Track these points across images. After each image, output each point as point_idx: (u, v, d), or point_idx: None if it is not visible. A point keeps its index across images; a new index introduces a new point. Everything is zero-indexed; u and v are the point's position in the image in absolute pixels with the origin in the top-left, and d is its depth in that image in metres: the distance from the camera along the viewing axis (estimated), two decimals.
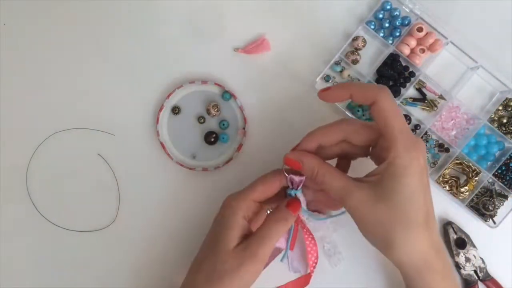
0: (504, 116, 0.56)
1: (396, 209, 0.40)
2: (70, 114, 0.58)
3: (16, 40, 0.59)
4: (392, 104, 0.41)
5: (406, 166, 0.39)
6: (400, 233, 0.40)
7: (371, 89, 0.42)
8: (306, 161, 0.44)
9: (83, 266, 0.57)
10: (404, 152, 0.40)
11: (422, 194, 0.40)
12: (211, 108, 0.56)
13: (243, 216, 0.44)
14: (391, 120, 0.41)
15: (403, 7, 0.56)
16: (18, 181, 0.57)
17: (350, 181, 0.42)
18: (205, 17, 0.58)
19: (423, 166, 0.41)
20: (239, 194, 0.45)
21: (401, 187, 0.40)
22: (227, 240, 0.43)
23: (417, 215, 0.40)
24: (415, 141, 0.41)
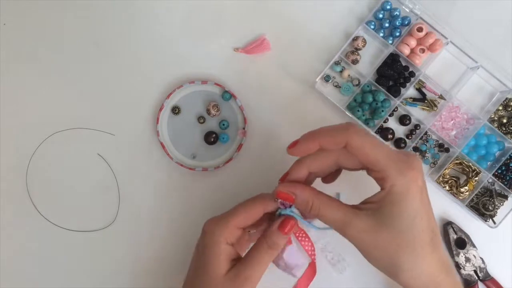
0: (504, 116, 0.56)
1: (400, 234, 0.39)
2: (70, 114, 0.58)
3: (16, 40, 0.59)
4: (365, 138, 0.39)
5: (404, 191, 0.38)
6: (406, 258, 0.39)
7: (338, 133, 0.40)
8: (300, 194, 0.42)
9: (83, 266, 0.57)
10: (399, 177, 0.38)
11: (425, 214, 0.39)
12: (211, 108, 0.56)
13: (227, 243, 0.43)
14: (372, 154, 0.39)
15: (403, 7, 0.56)
16: (18, 181, 0.57)
17: (347, 211, 0.40)
18: (205, 17, 0.58)
19: (421, 186, 0.39)
20: (220, 220, 0.43)
21: (402, 212, 0.38)
22: (216, 267, 0.42)
23: (422, 237, 0.39)
24: (408, 162, 0.39)
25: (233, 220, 0.42)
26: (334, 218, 0.41)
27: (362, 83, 0.56)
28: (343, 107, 0.56)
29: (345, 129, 0.40)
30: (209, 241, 0.43)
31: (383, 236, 0.39)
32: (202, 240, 0.44)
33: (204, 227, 0.44)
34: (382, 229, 0.39)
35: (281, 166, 0.57)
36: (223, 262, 0.42)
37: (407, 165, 0.39)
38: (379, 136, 0.56)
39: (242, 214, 0.43)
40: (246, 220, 0.43)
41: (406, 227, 0.38)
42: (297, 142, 0.42)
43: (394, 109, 0.57)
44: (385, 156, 0.39)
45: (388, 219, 0.39)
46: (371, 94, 0.56)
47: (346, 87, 0.57)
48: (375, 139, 0.40)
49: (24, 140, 0.58)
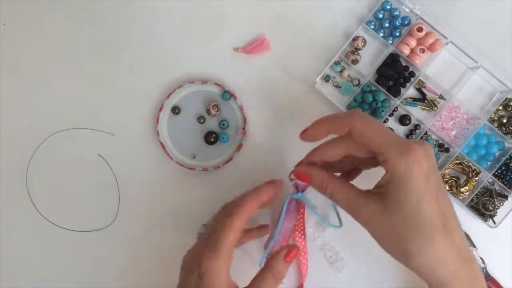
0: (504, 116, 0.56)
1: (407, 219, 0.38)
2: (70, 114, 0.58)
3: (16, 40, 0.59)
4: (368, 123, 0.40)
5: (407, 173, 0.38)
6: (415, 243, 0.38)
7: (342, 120, 0.42)
8: (316, 175, 0.43)
9: (83, 266, 0.57)
10: (399, 158, 0.38)
11: (433, 197, 0.38)
12: (211, 108, 0.56)
13: (227, 273, 0.42)
14: (374, 138, 0.40)
15: (403, 7, 0.56)
16: (18, 181, 0.57)
17: (359, 194, 0.41)
18: (205, 17, 0.58)
19: (427, 169, 0.39)
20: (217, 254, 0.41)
21: (406, 194, 0.38)
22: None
23: (432, 222, 0.38)
24: (410, 145, 0.39)
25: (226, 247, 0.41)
26: (346, 200, 0.42)
27: (362, 83, 0.56)
28: (343, 107, 0.56)
29: (349, 115, 0.41)
30: (211, 278, 0.41)
31: (391, 220, 0.39)
32: (200, 277, 0.41)
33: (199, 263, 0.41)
34: (390, 213, 0.39)
35: (281, 166, 0.57)
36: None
37: (408, 148, 0.39)
38: None
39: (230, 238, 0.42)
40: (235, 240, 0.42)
41: (413, 211, 0.38)
42: (306, 129, 0.45)
43: (394, 109, 0.57)
44: (387, 139, 0.39)
45: (395, 203, 0.39)
46: (371, 94, 0.56)
47: (346, 87, 0.57)
48: (379, 124, 0.41)
49: (24, 140, 0.58)
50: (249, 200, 0.44)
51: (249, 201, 0.44)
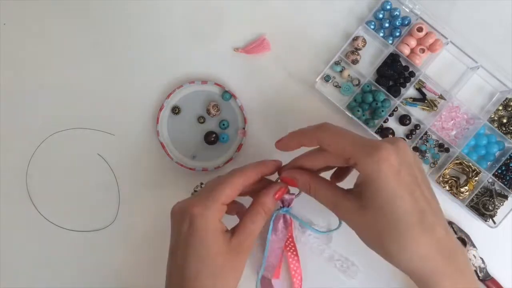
0: (504, 116, 0.56)
1: (380, 216, 0.39)
2: (70, 114, 0.58)
3: (16, 40, 0.59)
4: (334, 133, 0.42)
5: (374, 172, 0.38)
6: (392, 241, 0.38)
7: (311, 134, 0.44)
8: (300, 178, 0.45)
9: (83, 266, 0.57)
10: (366, 159, 0.39)
11: (406, 193, 0.38)
12: (211, 108, 0.56)
13: (218, 220, 0.43)
14: (341, 146, 0.41)
15: (403, 7, 0.56)
16: (18, 181, 0.57)
17: (338, 193, 0.43)
18: (205, 17, 0.58)
19: (397, 165, 0.38)
20: (209, 202, 0.43)
21: (377, 193, 0.39)
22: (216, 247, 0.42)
23: (406, 218, 0.38)
24: (377, 145, 0.39)
25: (220, 198, 0.43)
26: (326, 198, 0.44)
27: (362, 83, 0.56)
28: (343, 107, 0.56)
29: (317, 128, 0.43)
30: (202, 224, 0.42)
31: (367, 218, 0.40)
32: (191, 224, 0.42)
33: (190, 211, 0.42)
34: (366, 211, 0.40)
35: None
36: (222, 239, 0.43)
37: (374, 148, 0.39)
38: (379, 136, 0.56)
39: (227, 191, 0.43)
40: (230, 196, 0.44)
41: (386, 208, 0.38)
42: (281, 139, 0.47)
43: (394, 109, 0.57)
44: (354, 144, 0.41)
45: (368, 201, 0.40)
46: (371, 94, 0.56)
47: (346, 87, 0.57)
48: (346, 132, 0.42)
49: (24, 140, 0.58)
50: (251, 166, 0.46)
51: (251, 167, 0.46)
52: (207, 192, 0.44)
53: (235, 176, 0.45)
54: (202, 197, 0.44)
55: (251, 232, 0.44)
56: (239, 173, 0.45)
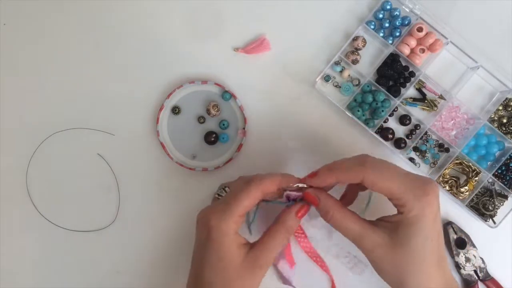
0: (504, 116, 0.56)
1: (411, 254, 0.41)
2: (70, 114, 0.58)
3: (16, 40, 0.59)
4: (380, 173, 0.42)
5: (420, 215, 0.41)
6: (413, 276, 0.42)
7: (354, 171, 0.43)
8: (323, 201, 0.45)
9: (83, 266, 0.57)
10: (415, 203, 0.41)
11: (435, 237, 0.42)
12: (211, 108, 0.56)
13: (235, 233, 0.44)
14: (387, 188, 0.42)
15: (403, 7, 0.56)
16: (18, 181, 0.57)
17: (365, 225, 0.44)
18: (205, 17, 0.58)
19: (435, 210, 0.42)
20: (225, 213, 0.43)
21: (417, 233, 0.41)
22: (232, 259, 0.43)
23: (431, 258, 0.42)
24: (424, 187, 0.41)
25: (237, 211, 0.43)
26: (353, 230, 0.44)
27: (362, 83, 0.56)
28: (343, 107, 0.56)
29: (360, 166, 0.43)
30: (218, 236, 0.43)
31: (397, 253, 0.42)
32: (208, 235, 0.43)
33: (208, 221, 0.43)
34: (397, 246, 0.42)
35: (281, 166, 0.57)
36: (237, 252, 0.43)
37: (423, 192, 0.41)
38: (379, 136, 0.56)
39: (245, 203, 0.43)
40: (248, 208, 0.44)
41: (418, 247, 0.41)
42: (316, 174, 0.45)
43: (394, 109, 0.57)
44: (401, 186, 0.42)
45: (404, 239, 0.42)
46: (371, 94, 0.56)
47: (346, 87, 0.57)
48: (390, 170, 0.43)
49: (24, 140, 0.58)
50: (272, 177, 0.45)
51: (272, 178, 0.45)
52: (225, 204, 0.44)
53: (253, 187, 0.44)
54: (220, 208, 0.44)
55: (270, 249, 0.44)
56: (258, 184, 0.44)
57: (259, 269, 0.44)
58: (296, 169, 0.57)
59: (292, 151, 0.57)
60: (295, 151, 0.57)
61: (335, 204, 0.44)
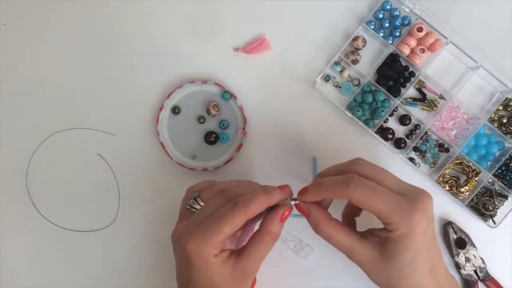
0: (504, 116, 0.56)
1: (401, 269, 0.42)
2: (70, 114, 0.58)
3: (16, 40, 0.59)
4: (366, 192, 0.41)
5: (408, 233, 0.41)
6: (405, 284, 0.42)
7: (339, 190, 0.42)
8: (314, 213, 0.44)
9: (83, 266, 0.57)
10: (401, 224, 0.40)
11: (426, 249, 0.42)
12: (211, 108, 0.56)
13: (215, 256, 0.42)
14: (374, 207, 0.41)
15: (403, 7, 0.56)
16: (18, 181, 0.57)
17: (355, 239, 0.43)
18: (205, 17, 0.58)
19: (425, 226, 0.41)
20: (205, 241, 0.41)
21: (404, 251, 0.41)
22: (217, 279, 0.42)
23: (422, 269, 0.42)
24: (411, 207, 0.41)
25: (218, 239, 0.41)
26: (343, 243, 0.43)
27: (362, 83, 0.56)
28: (343, 107, 0.56)
29: (345, 185, 0.41)
30: (199, 262, 0.41)
31: (387, 267, 0.42)
32: (188, 260, 0.41)
33: (185, 246, 0.41)
34: (386, 261, 0.42)
35: (281, 166, 0.57)
36: (223, 270, 0.42)
37: (409, 212, 0.41)
38: (379, 136, 0.56)
39: (226, 231, 0.41)
40: (229, 235, 0.42)
41: (407, 262, 0.41)
42: (305, 191, 0.45)
43: (394, 109, 0.57)
44: (387, 207, 0.41)
45: (393, 254, 0.42)
46: (371, 94, 0.56)
47: (346, 87, 0.57)
48: (375, 190, 0.41)
49: (24, 140, 0.58)
50: (258, 201, 0.42)
51: (258, 203, 0.42)
52: (203, 229, 0.41)
53: (237, 213, 0.41)
54: (197, 233, 0.41)
55: (257, 257, 0.43)
56: (243, 210, 0.41)
57: (248, 278, 0.43)
58: (296, 169, 0.57)
59: (292, 151, 0.57)
60: (295, 151, 0.57)
61: (325, 218, 0.44)
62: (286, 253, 0.56)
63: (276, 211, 0.44)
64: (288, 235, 0.56)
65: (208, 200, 0.45)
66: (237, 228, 0.41)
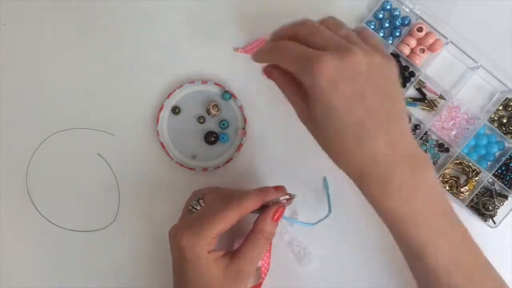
0: (504, 116, 0.56)
1: (320, 126, 0.39)
2: (70, 114, 0.58)
3: (16, 40, 0.59)
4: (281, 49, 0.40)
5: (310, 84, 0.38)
6: (332, 151, 0.40)
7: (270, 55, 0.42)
8: (276, 74, 0.44)
9: (83, 266, 0.57)
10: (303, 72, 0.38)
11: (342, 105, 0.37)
12: (211, 108, 0.56)
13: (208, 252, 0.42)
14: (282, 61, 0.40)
15: (403, 7, 0.56)
16: (18, 181, 0.57)
17: (297, 96, 0.42)
18: (205, 17, 0.58)
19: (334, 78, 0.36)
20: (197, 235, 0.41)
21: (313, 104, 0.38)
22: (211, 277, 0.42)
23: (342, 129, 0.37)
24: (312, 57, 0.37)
25: (211, 234, 0.42)
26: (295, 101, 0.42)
27: None
28: None
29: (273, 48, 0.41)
30: (192, 257, 0.42)
31: (312, 127, 0.40)
32: (182, 255, 0.42)
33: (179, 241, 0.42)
34: (310, 121, 0.40)
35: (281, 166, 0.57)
36: (216, 267, 0.42)
37: (310, 60, 0.37)
38: None
39: (219, 226, 0.42)
40: (223, 231, 0.42)
41: (323, 120, 0.38)
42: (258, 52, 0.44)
43: None
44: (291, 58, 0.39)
45: (310, 111, 0.39)
46: None
47: None
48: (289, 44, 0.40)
49: (24, 140, 0.58)
50: (251, 199, 0.43)
51: (251, 200, 0.43)
52: (198, 225, 0.42)
53: (230, 211, 0.42)
54: (192, 228, 0.42)
55: (251, 259, 0.43)
56: (236, 206, 0.42)
57: (242, 279, 0.43)
58: (296, 169, 0.57)
59: (292, 151, 0.57)
60: (295, 151, 0.57)
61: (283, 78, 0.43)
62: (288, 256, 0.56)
63: (268, 209, 0.44)
64: (295, 240, 0.56)
65: (208, 202, 0.46)
66: (231, 224, 0.42)
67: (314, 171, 0.57)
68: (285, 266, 0.56)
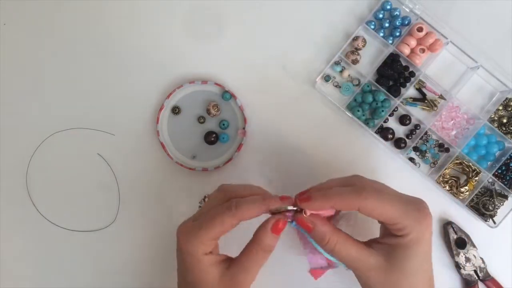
0: (504, 116, 0.56)
1: (407, 276, 0.41)
2: (70, 114, 0.58)
3: (16, 40, 0.59)
4: (377, 201, 0.41)
5: (420, 237, 0.41)
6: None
7: (349, 200, 0.41)
8: (319, 226, 0.42)
9: (83, 266, 0.57)
10: (415, 227, 0.41)
11: (429, 258, 0.43)
12: (211, 108, 0.56)
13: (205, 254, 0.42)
14: (384, 214, 0.41)
15: (403, 7, 0.56)
16: (18, 181, 0.57)
17: (361, 249, 0.42)
18: (205, 17, 0.58)
19: (431, 233, 0.42)
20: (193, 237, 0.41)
21: (415, 255, 0.41)
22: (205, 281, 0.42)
23: (423, 278, 0.42)
24: (420, 210, 0.41)
25: (207, 236, 0.41)
26: (348, 255, 0.42)
27: (362, 83, 0.56)
28: (343, 107, 0.56)
29: (357, 194, 0.41)
30: (186, 257, 0.42)
31: (391, 275, 0.42)
32: (180, 253, 0.43)
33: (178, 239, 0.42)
34: (393, 269, 0.42)
35: (281, 166, 0.57)
36: (210, 272, 0.42)
37: (420, 215, 0.41)
38: (379, 136, 0.56)
39: (216, 229, 0.41)
40: (220, 234, 0.42)
41: (415, 269, 0.41)
42: (309, 198, 0.42)
43: (394, 109, 0.57)
44: (398, 210, 0.41)
45: (402, 261, 0.41)
46: (371, 94, 0.56)
47: (346, 87, 0.57)
48: (385, 196, 0.41)
49: (24, 140, 0.58)
50: (250, 207, 0.41)
51: (250, 208, 0.41)
52: (197, 226, 0.42)
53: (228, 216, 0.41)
54: (190, 228, 0.42)
55: (247, 268, 0.42)
56: (233, 213, 0.41)
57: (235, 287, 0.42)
58: (296, 169, 0.57)
59: (292, 151, 0.57)
60: (295, 151, 0.57)
61: (331, 229, 0.42)
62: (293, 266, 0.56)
63: (267, 221, 0.42)
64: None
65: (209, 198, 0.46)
66: (228, 228, 0.41)
67: (314, 171, 0.57)
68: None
